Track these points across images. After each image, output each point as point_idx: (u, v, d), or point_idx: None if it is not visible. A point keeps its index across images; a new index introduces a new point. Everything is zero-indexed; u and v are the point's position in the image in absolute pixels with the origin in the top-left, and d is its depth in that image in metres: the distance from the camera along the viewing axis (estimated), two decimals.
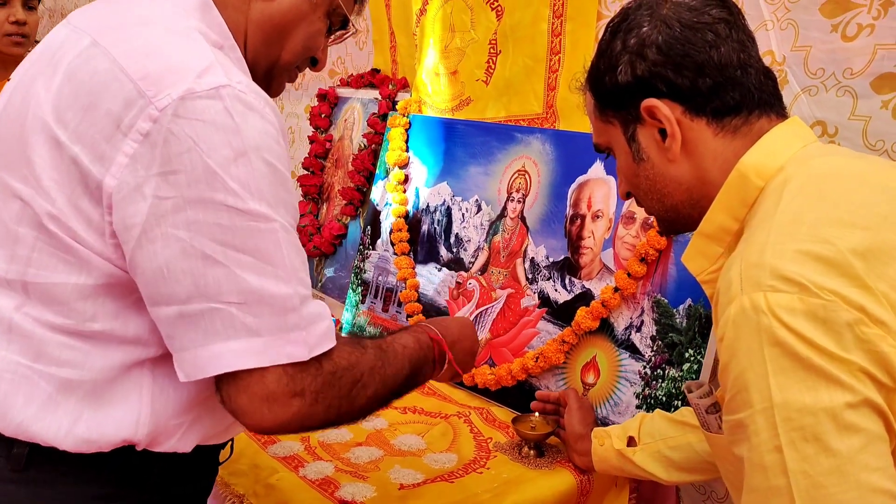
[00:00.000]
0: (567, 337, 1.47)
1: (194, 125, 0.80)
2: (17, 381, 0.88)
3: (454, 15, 1.81)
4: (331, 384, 0.87)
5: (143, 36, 0.87)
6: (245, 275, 0.81)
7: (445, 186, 1.80)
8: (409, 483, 1.27)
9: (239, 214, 0.80)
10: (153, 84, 0.81)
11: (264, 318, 0.82)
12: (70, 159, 0.83)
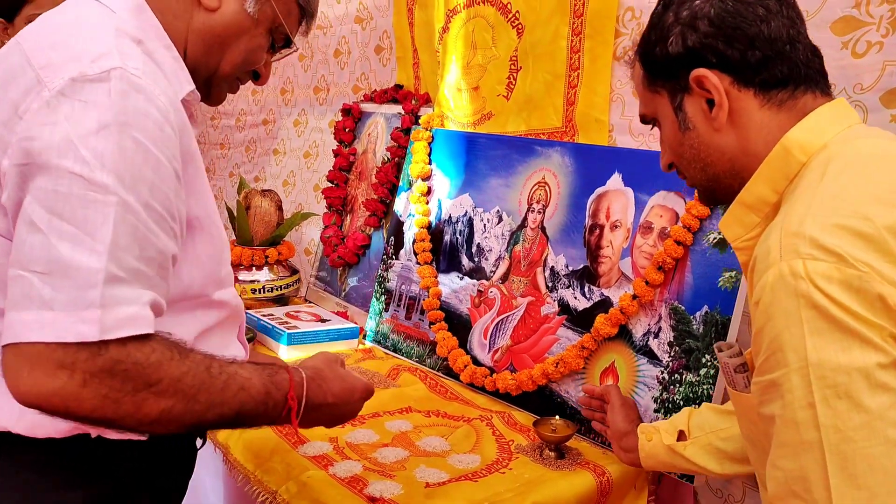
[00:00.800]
0: (587, 343, 1.52)
1: (74, 104, 0.83)
2: None
3: (476, 33, 1.88)
4: (111, 373, 0.82)
5: (55, 32, 0.92)
6: (60, 244, 0.81)
7: (467, 198, 1.85)
8: (435, 482, 1.32)
9: (80, 182, 0.81)
10: (52, 72, 0.85)
11: (63, 291, 0.80)
12: None
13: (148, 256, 0.87)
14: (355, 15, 2.35)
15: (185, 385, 0.88)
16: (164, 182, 0.88)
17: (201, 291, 1.04)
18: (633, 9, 1.54)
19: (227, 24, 1.03)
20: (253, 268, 2.17)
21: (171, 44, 0.99)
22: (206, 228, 1.02)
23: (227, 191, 3.14)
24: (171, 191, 0.90)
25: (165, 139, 0.88)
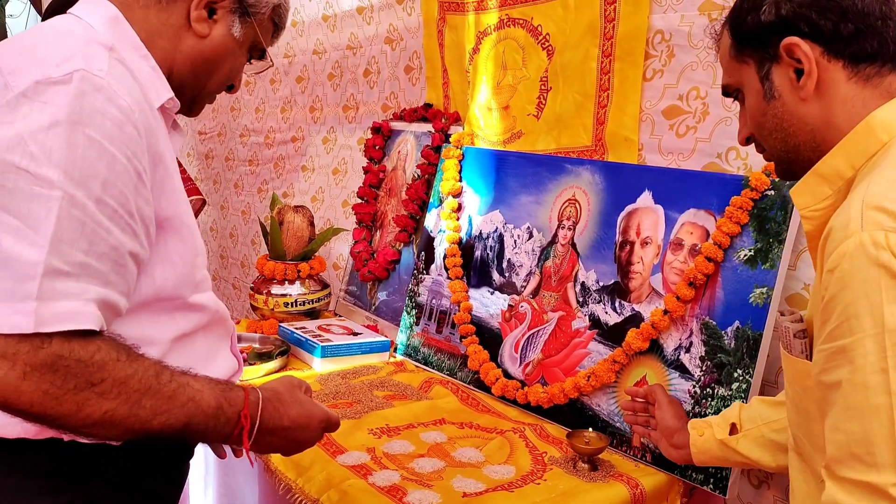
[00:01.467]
0: (618, 357, 1.55)
1: (33, 104, 0.85)
2: None
3: (507, 54, 1.93)
4: (53, 367, 0.82)
5: (25, 40, 0.96)
6: (1, 237, 0.82)
7: (498, 214, 1.90)
8: (472, 492, 1.35)
9: (26, 176, 0.83)
10: (19, 76, 0.88)
11: (0, 282, 0.82)
12: None
13: (99, 252, 0.87)
14: (385, 36, 2.41)
15: (130, 388, 0.88)
16: (120, 179, 0.89)
17: (175, 293, 1.05)
18: (662, 31, 1.59)
19: (215, 47, 1.09)
20: (286, 282, 2.22)
21: (149, 55, 1.02)
22: (178, 229, 1.03)
23: (255, 206, 3.20)
24: (128, 188, 0.90)
25: (125, 138, 0.90)
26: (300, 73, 2.85)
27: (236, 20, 1.10)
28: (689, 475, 1.40)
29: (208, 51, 1.09)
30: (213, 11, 1.08)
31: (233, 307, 3.38)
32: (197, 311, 1.09)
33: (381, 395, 1.77)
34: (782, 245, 1.38)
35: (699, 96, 1.54)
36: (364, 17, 2.47)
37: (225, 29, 1.09)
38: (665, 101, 1.61)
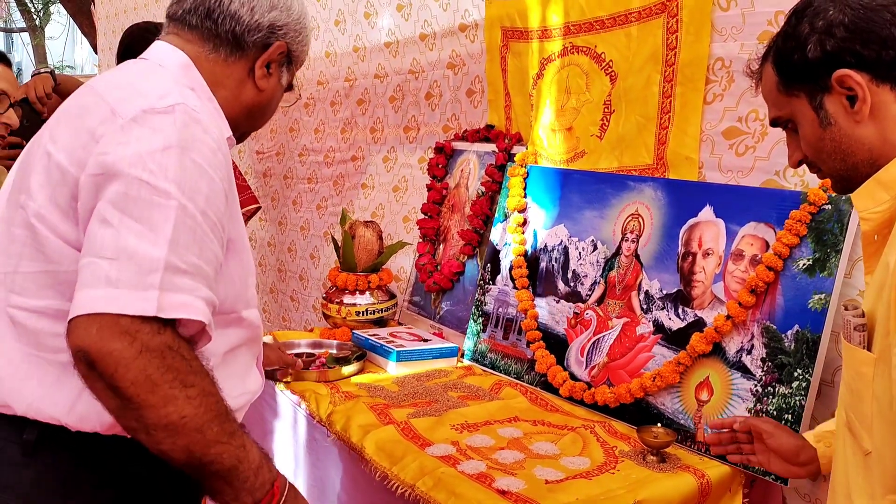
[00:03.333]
0: (682, 359, 1.67)
1: (143, 130, 1.01)
2: (32, 367, 1.05)
3: (570, 79, 2.08)
4: (162, 355, 0.94)
5: (123, 78, 1.16)
6: (128, 237, 0.96)
7: (563, 228, 2.03)
8: (553, 479, 1.48)
9: (147, 187, 0.97)
10: (125, 105, 1.05)
11: (128, 273, 0.94)
12: (55, 164, 1.05)
13: (206, 257, 1.02)
14: (448, 61, 2.57)
15: (208, 406, 0.98)
16: (217, 197, 1.05)
17: (232, 308, 1.18)
18: (722, 59, 1.72)
19: (270, 97, 1.31)
20: (356, 292, 2.37)
21: (213, 98, 1.22)
22: (238, 251, 1.19)
23: (314, 222, 3.36)
24: (221, 206, 1.07)
25: (217, 163, 1.06)
26: (361, 95, 3.02)
27: (284, 70, 1.32)
28: (752, 468, 1.52)
29: (265, 100, 1.30)
30: (269, 66, 1.28)
31: (291, 318, 3.54)
32: (245, 326, 1.25)
33: (455, 396, 1.90)
34: (839, 255, 1.50)
35: (758, 118, 1.67)
36: (427, 43, 2.64)
37: (276, 80, 1.30)
38: (725, 123, 1.74)
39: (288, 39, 1.28)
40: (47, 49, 16.70)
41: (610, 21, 1.94)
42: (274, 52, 1.26)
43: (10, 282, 1.06)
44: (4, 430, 1.07)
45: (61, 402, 1.05)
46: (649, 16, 1.84)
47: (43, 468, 1.08)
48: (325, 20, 3.12)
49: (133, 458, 1.07)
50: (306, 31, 1.33)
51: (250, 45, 1.24)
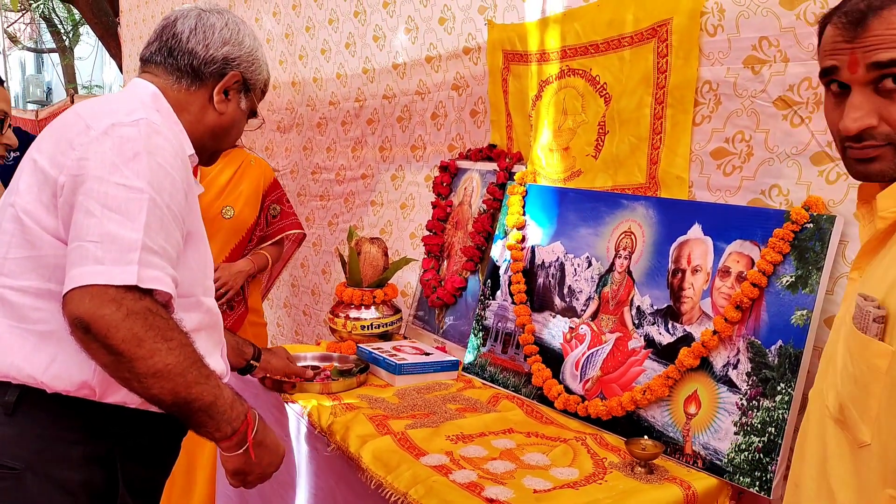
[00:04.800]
0: (671, 373, 1.71)
1: (114, 139, 1.23)
2: (14, 336, 1.25)
3: (567, 101, 2.14)
4: (144, 316, 1.15)
5: (99, 102, 1.38)
6: (109, 224, 1.17)
7: (559, 245, 2.09)
8: (542, 489, 1.52)
9: (124, 189, 1.20)
10: (97, 120, 1.27)
11: (112, 252, 1.16)
12: (39, 169, 1.27)
13: (171, 243, 1.24)
14: (452, 83, 2.64)
15: (187, 355, 1.20)
16: (178, 194, 1.27)
17: (191, 292, 1.39)
18: (710, 82, 1.78)
19: (230, 119, 1.53)
20: (362, 307, 2.43)
21: (178, 121, 1.43)
22: (196, 241, 1.40)
23: (325, 238, 3.45)
24: (182, 201, 1.29)
25: (177, 166, 1.28)
26: (371, 115, 3.11)
27: (242, 96, 1.54)
28: (737, 479, 1.56)
29: (226, 122, 1.52)
30: (227, 93, 1.50)
31: (303, 332, 3.62)
32: (204, 311, 1.45)
33: (453, 408, 1.96)
34: (821, 272, 1.54)
35: (744, 139, 1.72)
36: (433, 65, 2.71)
37: (235, 104, 1.53)
38: (713, 144, 1.79)
39: (241, 69, 1.51)
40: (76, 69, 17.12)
41: (604, 45, 2.00)
42: (229, 80, 1.49)
43: (0, 266, 1.27)
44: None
45: (38, 364, 1.24)
46: (641, 40, 1.90)
47: (22, 426, 1.26)
48: (336, 43, 3.22)
49: (103, 419, 1.29)
50: (259, 62, 1.55)
51: (207, 76, 1.47)
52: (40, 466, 1.25)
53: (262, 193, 2.80)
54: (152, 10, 5.21)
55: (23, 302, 1.26)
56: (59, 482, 1.27)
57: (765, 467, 1.53)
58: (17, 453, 1.24)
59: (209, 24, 1.48)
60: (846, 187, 1.55)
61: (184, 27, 1.47)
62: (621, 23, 1.94)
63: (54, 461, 1.26)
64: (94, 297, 1.13)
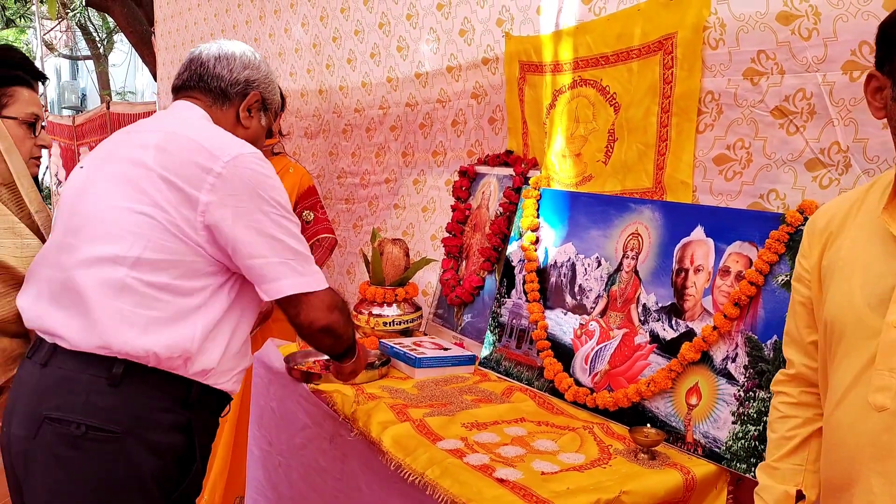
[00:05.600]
0: (674, 367, 1.82)
1: (244, 171, 1.50)
2: (128, 319, 1.45)
3: (579, 109, 2.25)
4: (340, 307, 1.62)
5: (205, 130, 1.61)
6: (292, 244, 1.53)
7: (570, 246, 2.20)
8: (549, 471, 1.64)
9: (281, 216, 1.53)
10: (219, 150, 1.51)
11: (304, 266, 1.54)
12: (178, 188, 1.48)
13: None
14: (472, 91, 2.77)
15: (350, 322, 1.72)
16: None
17: None
18: (712, 92, 1.89)
19: (254, 134, 1.77)
20: (384, 304, 2.56)
21: None
22: None
23: (350, 240, 3.59)
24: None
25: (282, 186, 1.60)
26: (394, 122, 3.24)
27: (262, 114, 1.78)
28: (735, 465, 1.66)
29: (251, 136, 1.74)
30: (250, 111, 1.74)
31: None
32: None
33: (469, 399, 2.07)
34: None
35: (744, 146, 1.83)
36: (453, 75, 2.84)
37: (257, 121, 1.77)
38: (715, 151, 1.90)
39: (261, 90, 1.75)
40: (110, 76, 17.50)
41: (614, 57, 2.12)
42: (251, 99, 1.73)
43: (132, 262, 1.46)
44: (97, 366, 1.45)
45: (146, 344, 1.45)
46: (648, 53, 2.02)
47: (125, 396, 1.46)
48: (361, 53, 3.36)
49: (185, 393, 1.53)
50: (273, 84, 1.80)
51: (233, 95, 1.72)
52: (138, 431, 1.46)
53: (294, 200, 2.96)
54: (185, 20, 5.41)
55: (145, 292, 1.46)
56: (151, 445, 1.48)
57: (760, 454, 1.62)
58: (119, 419, 1.45)
59: (230, 53, 1.72)
60: (838, 192, 1.65)
61: (209, 56, 1.71)
62: (630, 36, 2.05)
63: (149, 427, 1.48)
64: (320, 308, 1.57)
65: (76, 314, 1.47)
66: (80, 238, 1.51)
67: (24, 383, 1.52)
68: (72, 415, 1.43)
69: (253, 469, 2.54)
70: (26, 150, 1.90)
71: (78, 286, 1.47)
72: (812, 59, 1.65)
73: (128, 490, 1.47)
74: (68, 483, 1.44)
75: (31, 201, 1.86)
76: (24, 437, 1.47)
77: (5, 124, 1.84)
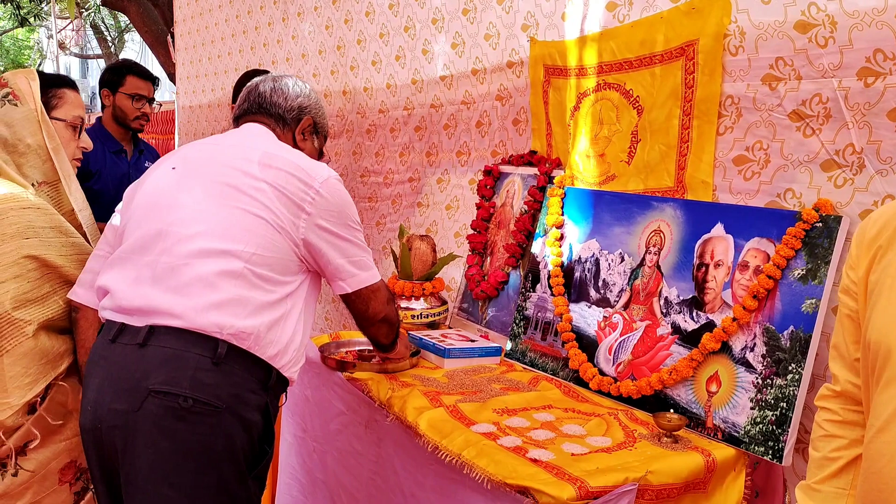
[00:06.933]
0: (695, 356, 1.92)
1: (333, 192, 1.77)
2: (240, 303, 1.63)
3: (603, 112, 2.36)
4: (391, 300, 1.94)
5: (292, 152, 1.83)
6: (359, 250, 1.83)
7: (594, 242, 2.31)
8: (579, 453, 1.74)
9: (355, 231, 1.81)
10: (313, 172, 1.76)
11: (369, 263, 1.85)
12: (289, 199, 1.71)
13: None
14: (496, 94, 2.87)
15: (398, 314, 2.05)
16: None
17: None
18: (732, 96, 1.99)
19: (309, 154, 1.94)
20: (412, 298, 2.67)
21: None
22: None
23: (373, 237, 3.69)
24: None
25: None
26: (418, 123, 3.35)
27: (315, 137, 2.02)
28: (753, 448, 1.76)
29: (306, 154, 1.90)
30: (304, 134, 1.98)
31: (351, 325, 3.84)
32: None
33: (497, 387, 2.18)
34: (828, 265, 1.74)
35: (762, 148, 1.93)
36: (478, 77, 2.95)
37: (311, 143, 2.01)
38: (735, 152, 2.00)
39: (312, 114, 1.98)
40: None
41: (637, 62, 2.22)
42: (305, 123, 1.97)
43: (249, 256, 1.66)
44: (203, 345, 1.59)
45: (250, 324, 1.63)
46: (670, 58, 2.12)
47: (225, 375, 1.61)
48: (387, 55, 3.47)
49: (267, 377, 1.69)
50: (323, 109, 2.03)
51: (290, 120, 1.95)
52: (234, 407, 1.61)
53: None
54: (206, 21, 5.53)
55: (255, 282, 1.66)
56: (243, 421, 1.62)
57: (777, 438, 1.73)
58: (221, 395, 1.59)
59: (284, 83, 1.96)
60: (852, 191, 1.75)
61: (265, 88, 1.95)
62: (653, 42, 2.15)
63: (242, 404, 1.62)
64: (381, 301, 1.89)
65: (192, 295, 1.61)
66: (190, 230, 1.67)
67: (117, 363, 1.61)
68: (179, 389, 1.55)
69: (286, 455, 2.65)
70: (70, 151, 2.01)
71: (195, 273, 1.63)
72: (828, 65, 1.75)
73: (223, 461, 1.60)
74: (172, 452, 1.56)
75: (77, 200, 1.96)
76: (124, 410, 1.57)
77: (54, 126, 1.94)
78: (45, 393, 1.78)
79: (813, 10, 1.75)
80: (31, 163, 1.89)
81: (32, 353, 1.74)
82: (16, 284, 1.73)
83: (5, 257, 1.72)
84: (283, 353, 1.71)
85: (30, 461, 1.75)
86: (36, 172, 1.90)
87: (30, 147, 1.89)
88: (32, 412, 1.76)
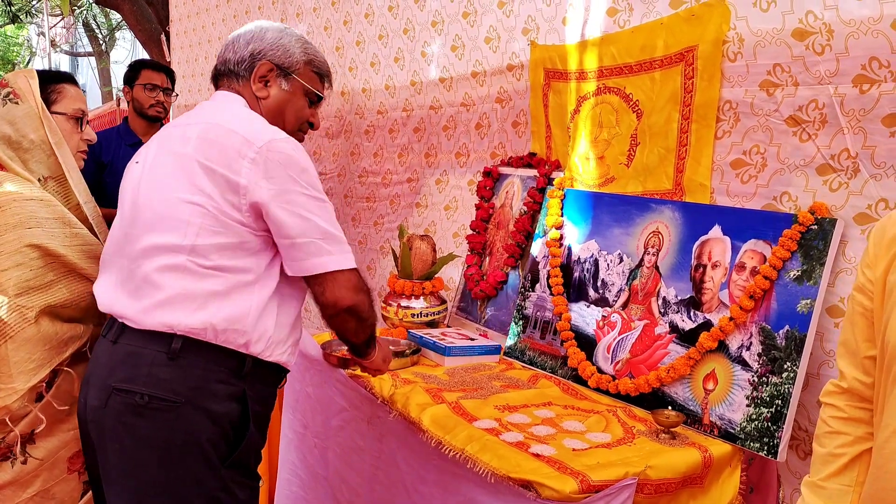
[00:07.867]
0: (692, 354, 1.97)
1: (277, 154, 1.58)
2: (187, 298, 1.58)
3: (603, 115, 2.40)
4: (368, 292, 1.69)
5: (238, 118, 1.67)
6: (322, 224, 1.59)
7: (593, 243, 2.35)
8: (580, 448, 1.78)
9: (311, 198, 1.59)
10: (252, 137, 1.59)
11: (332, 245, 1.60)
12: (219, 175, 1.57)
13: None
14: (496, 96, 2.91)
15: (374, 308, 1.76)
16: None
17: None
18: (730, 101, 2.03)
19: (276, 101, 1.78)
20: (412, 297, 2.71)
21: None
22: None
23: (371, 237, 3.73)
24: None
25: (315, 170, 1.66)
26: (417, 124, 3.38)
27: (282, 80, 1.78)
28: (748, 444, 1.81)
29: (273, 104, 1.78)
30: (266, 81, 1.78)
31: None
32: None
33: (498, 385, 2.22)
34: (823, 267, 1.79)
35: (759, 152, 1.98)
36: (478, 80, 2.99)
37: (277, 88, 1.78)
38: (732, 155, 2.04)
39: (269, 56, 1.76)
40: (112, 72, 17.62)
41: (637, 67, 2.27)
42: (260, 70, 1.76)
43: (190, 248, 1.59)
44: (158, 342, 1.59)
45: (199, 320, 1.58)
46: (670, 64, 2.17)
47: (182, 369, 1.59)
48: (385, 57, 3.50)
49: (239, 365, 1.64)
50: (285, 47, 1.78)
51: (243, 72, 1.77)
52: (195, 400, 1.59)
53: None
54: (203, 21, 5.54)
55: (203, 273, 1.59)
56: (208, 413, 1.60)
57: (772, 434, 1.77)
58: (178, 389, 1.58)
59: (238, 34, 1.82)
60: (847, 194, 1.80)
61: (224, 44, 1.83)
62: (653, 48, 2.20)
63: (205, 396, 1.60)
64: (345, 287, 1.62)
65: (141, 297, 1.61)
66: (140, 228, 1.65)
67: (98, 359, 1.69)
68: (136, 386, 1.58)
69: (286, 451, 2.68)
70: (74, 144, 2.02)
71: (143, 273, 1.61)
72: (825, 72, 1.80)
73: (187, 454, 1.60)
74: (135, 448, 1.59)
75: (80, 193, 1.98)
76: (97, 407, 1.63)
77: (55, 120, 1.97)
78: (52, 380, 1.80)
79: (810, 18, 1.80)
80: (36, 158, 1.92)
81: (35, 338, 1.76)
82: (18, 272, 1.75)
83: (8, 245, 1.74)
84: (255, 341, 1.63)
85: (38, 449, 1.77)
86: (41, 167, 1.92)
87: (33, 143, 1.91)
88: (40, 400, 1.78)
